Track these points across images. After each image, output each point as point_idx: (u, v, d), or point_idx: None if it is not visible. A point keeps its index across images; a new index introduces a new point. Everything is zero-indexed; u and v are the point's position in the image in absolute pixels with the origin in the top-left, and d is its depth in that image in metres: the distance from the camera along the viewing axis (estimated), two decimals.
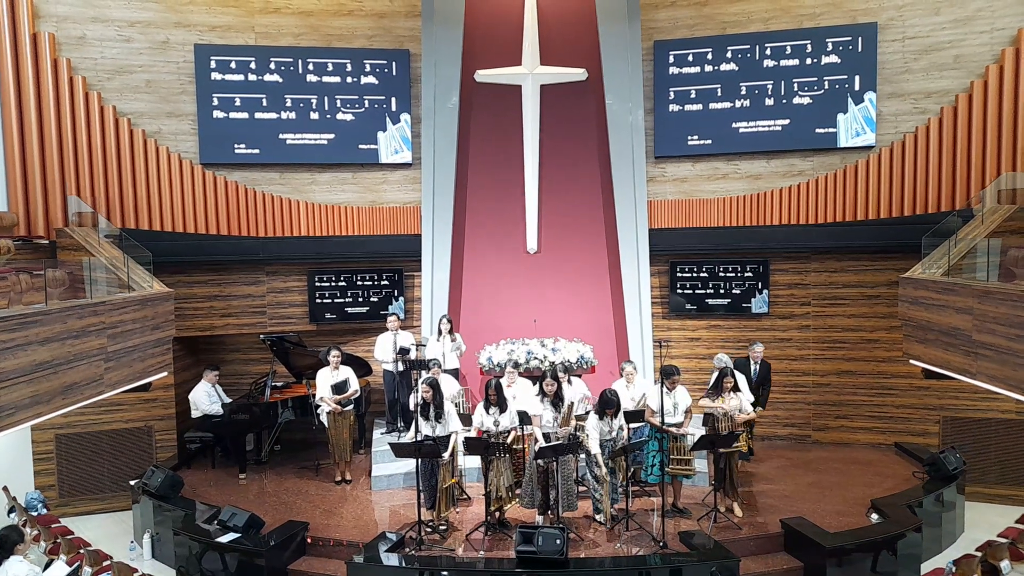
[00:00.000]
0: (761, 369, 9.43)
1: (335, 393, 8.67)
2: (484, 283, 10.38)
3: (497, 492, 7.24)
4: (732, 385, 7.62)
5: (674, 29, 10.70)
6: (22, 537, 5.35)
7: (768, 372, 9.50)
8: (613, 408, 7.17)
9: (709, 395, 7.66)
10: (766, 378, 9.49)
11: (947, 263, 7.70)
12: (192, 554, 7.12)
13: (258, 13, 10.38)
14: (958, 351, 6.87)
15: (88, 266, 7.82)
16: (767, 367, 9.50)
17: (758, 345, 9.47)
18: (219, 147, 10.33)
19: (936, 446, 9.54)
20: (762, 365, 9.44)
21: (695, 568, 6.36)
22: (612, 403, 7.17)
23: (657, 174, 10.85)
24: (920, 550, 7.13)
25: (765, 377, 9.47)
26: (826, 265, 10.39)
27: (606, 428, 7.19)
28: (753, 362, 9.39)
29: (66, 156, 9.25)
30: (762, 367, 9.44)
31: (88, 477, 9.29)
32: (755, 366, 9.39)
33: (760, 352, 9.42)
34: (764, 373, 9.45)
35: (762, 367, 9.44)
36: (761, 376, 9.43)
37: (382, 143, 10.77)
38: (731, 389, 7.60)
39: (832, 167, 10.32)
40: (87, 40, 9.63)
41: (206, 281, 10.23)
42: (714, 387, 7.71)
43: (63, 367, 6.18)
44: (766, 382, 9.48)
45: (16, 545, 5.26)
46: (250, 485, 8.95)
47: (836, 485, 8.62)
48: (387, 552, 6.74)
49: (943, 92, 9.81)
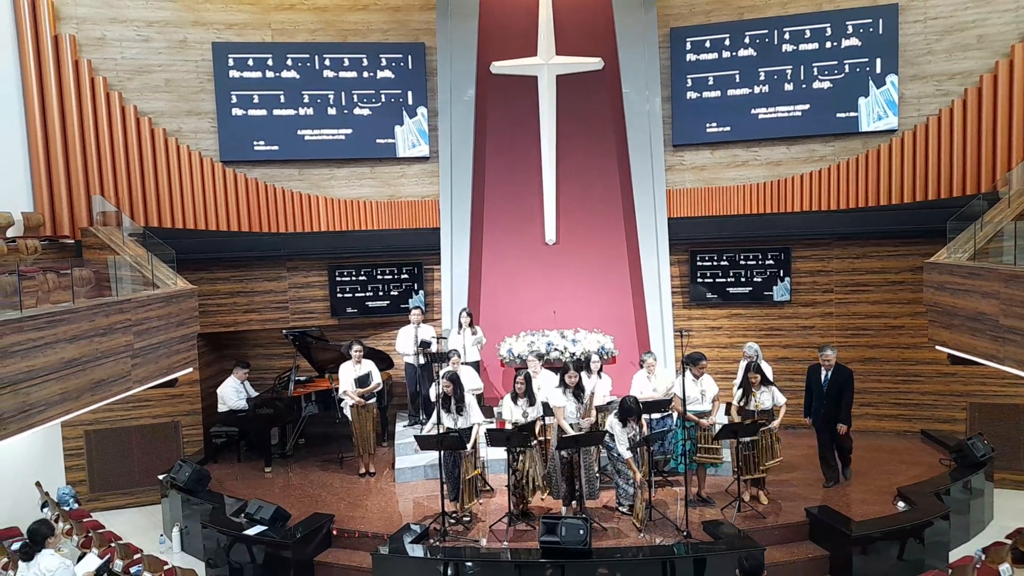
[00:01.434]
0: (835, 377, 7.87)
1: (358, 386, 8.73)
2: (503, 275, 10.38)
3: (534, 482, 7.26)
4: (759, 380, 7.46)
5: (690, 15, 10.60)
6: (52, 531, 5.41)
7: (847, 381, 7.86)
8: (634, 416, 7.13)
9: (740, 399, 7.55)
10: (843, 387, 7.84)
11: (973, 247, 7.58)
12: (220, 547, 7.22)
13: (274, 10, 10.42)
14: (985, 336, 6.77)
15: (113, 264, 7.93)
16: (844, 375, 7.89)
17: (829, 350, 7.96)
18: (239, 144, 10.42)
19: (963, 433, 9.43)
20: (836, 371, 7.89)
21: (720, 558, 6.34)
22: (632, 411, 7.11)
23: (675, 162, 10.77)
24: (948, 538, 7.06)
25: (841, 387, 7.84)
26: (849, 251, 10.27)
27: (631, 433, 7.16)
28: (825, 369, 7.96)
29: (89, 156, 9.37)
30: (836, 374, 7.88)
31: (118, 472, 9.45)
32: (826, 373, 7.93)
33: (832, 358, 7.91)
34: (840, 381, 7.86)
35: (836, 374, 7.88)
36: (835, 385, 7.85)
37: (399, 137, 10.79)
38: (760, 384, 7.46)
39: (854, 152, 10.19)
40: (107, 41, 9.73)
41: (228, 277, 10.33)
42: (742, 385, 7.62)
43: (91, 364, 6.28)
44: (843, 392, 7.84)
45: (47, 539, 5.32)
46: (275, 478, 9.06)
47: (861, 473, 8.53)
48: (412, 543, 6.79)
49: (967, 73, 9.63)
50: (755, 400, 7.38)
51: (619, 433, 7.12)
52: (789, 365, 10.38)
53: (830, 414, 7.90)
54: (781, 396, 7.53)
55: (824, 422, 7.98)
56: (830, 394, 7.88)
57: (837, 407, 7.87)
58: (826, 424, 7.97)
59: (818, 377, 7.99)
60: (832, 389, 7.87)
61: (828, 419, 7.93)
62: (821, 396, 7.94)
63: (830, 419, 7.91)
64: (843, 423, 7.88)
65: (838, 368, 7.89)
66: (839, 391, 7.84)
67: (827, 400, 7.89)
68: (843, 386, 7.83)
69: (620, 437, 7.11)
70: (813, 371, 8.08)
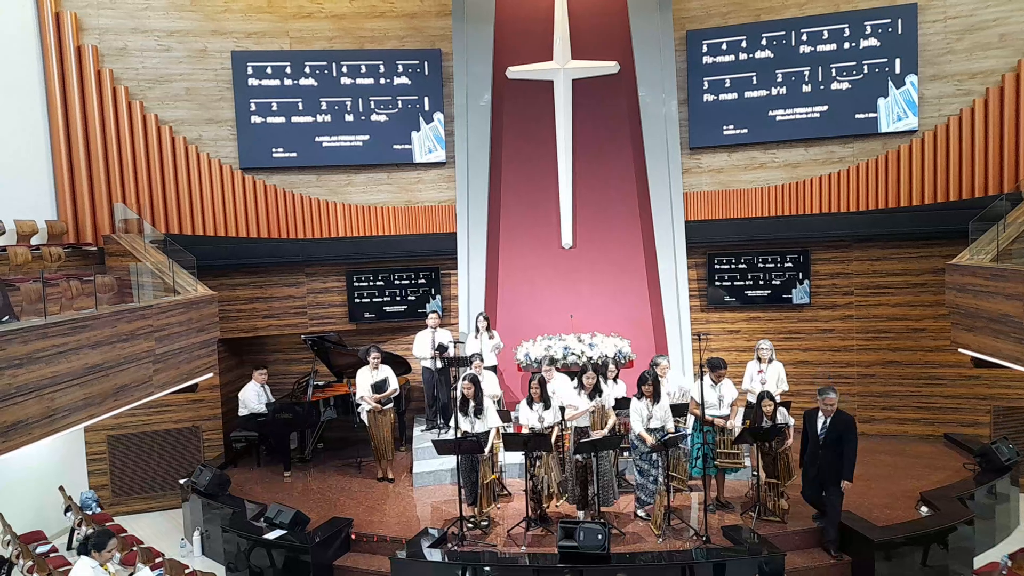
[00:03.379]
0: (834, 424, 6.66)
1: (375, 392, 8.76)
2: (520, 280, 10.39)
3: (549, 488, 7.26)
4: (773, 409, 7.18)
5: (706, 18, 10.56)
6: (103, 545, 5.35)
7: (848, 430, 6.64)
8: (646, 384, 7.12)
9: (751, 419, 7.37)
10: (843, 436, 6.62)
11: (996, 248, 7.47)
12: (240, 550, 7.27)
13: (292, 18, 10.52)
14: (1009, 338, 6.66)
15: (135, 271, 8.04)
16: (845, 422, 6.66)
17: (831, 392, 6.74)
18: (258, 152, 10.52)
19: (987, 437, 9.29)
20: (836, 418, 6.66)
21: (739, 563, 6.29)
22: (644, 379, 7.13)
23: (692, 165, 10.73)
24: (973, 543, 6.96)
25: (841, 435, 6.63)
26: (869, 253, 10.17)
27: (645, 412, 7.14)
28: (824, 415, 6.75)
29: (111, 165, 9.52)
30: (836, 421, 6.66)
31: (139, 476, 9.56)
32: (824, 420, 6.72)
33: (834, 402, 6.72)
34: (840, 430, 6.64)
35: (836, 421, 6.66)
36: (833, 434, 6.66)
37: (416, 143, 10.84)
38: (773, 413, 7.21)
39: (873, 153, 10.09)
40: (128, 51, 9.87)
41: (248, 283, 10.43)
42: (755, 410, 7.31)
43: (113, 370, 6.36)
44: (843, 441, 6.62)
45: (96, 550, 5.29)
46: (295, 483, 9.12)
47: (883, 478, 8.44)
48: (430, 548, 6.80)
49: (988, 72, 9.50)
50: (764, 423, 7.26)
51: (633, 408, 7.17)
52: (808, 368, 10.31)
53: (825, 467, 6.72)
54: (791, 418, 7.34)
55: (817, 476, 6.81)
56: (827, 443, 6.71)
57: (835, 460, 6.67)
58: (818, 479, 6.82)
59: (814, 423, 6.82)
60: (830, 438, 6.69)
61: (823, 472, 6.75)
62: (816, 445, 6.80)
63: (825, 472, 6.73)
64: (845, 478, 6.66)
65: (838, 414, 6.71)
66: (838, 440, 6.66)
67: (823, 450, 6.73)
68: (843, 435, 6.64)
69: (633, 415, 7.15)
70: (809, 416, 6.90)
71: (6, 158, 8.48)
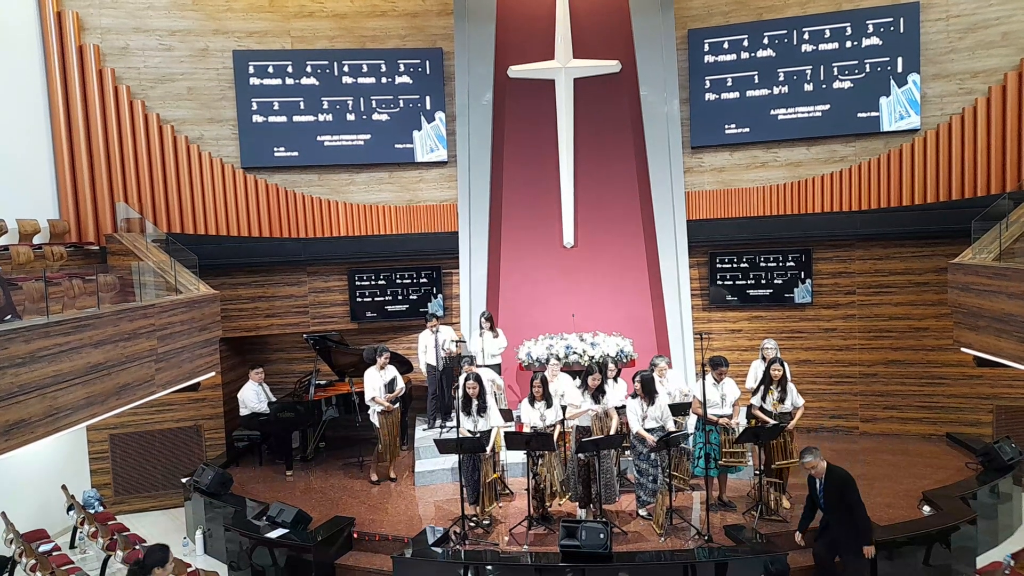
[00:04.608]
0: (829, 483, 6.03)
1: (386, 392, 8.69)
2: (521, 278, 10.39)
3: (551, 487, 7.25)
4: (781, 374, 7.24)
5: (708, 17, 10.56)
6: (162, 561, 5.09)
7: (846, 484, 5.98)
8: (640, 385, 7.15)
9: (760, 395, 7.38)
10: (843, 493, 5.94)
11: (998, 247, 7.46)
12: (243, 549, 7.27)
13: (293, 18, 10.52)
14: (1012, 338, 6.66)
15: (137, 270, 8.04)
16: (840, 477, 6.01)
17: (808, 455, 6.09)
18: (259, 151, 10.52)
19: (989, 436, 9.28)
20: (829, 478, 6.01)
21: (742, 563, 6.28)
22: (634, 378, 7.17)
23: (694, 164, 10.73)
24: (975, 543, 6.95)
25: (841, 492, 5.95)
26: (871, 252, 10.16)
27: (640, 411, 7.15)
28: (819, 480, 6.12)
29: (113, 164, 9.53)
30: (830, 481, 6.02)
31: (142, 475, 9.57)
32: (820, 483, 6.13)
33: (815, 464, 6.05)
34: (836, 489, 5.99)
35: (830, 481, 6.02)
36: (833, 494, 5.99)
37: (417, 142, 10.84)
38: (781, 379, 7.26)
39: (875, 152, 10.08)
40: (130, 50, 9.88)
41: (250, 283, 10.44)
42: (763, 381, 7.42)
43: (116, 368, 6.37)
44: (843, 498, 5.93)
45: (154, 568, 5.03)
46: (297, 482, 9.12)
47: (885, 477, 8.43)
48: (432, 546, 6.80)
49: (990, 71, 9.50)
50: (772, 399, 7.26)
51: (630, 408, 7.17)
52: (811, 368, 10.30)
53: (837, 533, 6.07)
54: (800, 398, 7.40)
55: (830, 546, 6.13)
56: (829, 506, 6.07)
57: (844, 521, 5.99)
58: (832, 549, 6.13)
59: (814, 486, 6.25)
60: (830, 500, 6.05)
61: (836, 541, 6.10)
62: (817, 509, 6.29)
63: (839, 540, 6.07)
64: (864, 544, 5.94)
65: (831, 472, 6.08)
66: (839, 500, 5.99)
67: (827, 514, 6.15)
68: (843, 493, 5.98)
69: (630, 414, 7.14)
70: (810, 480, 6.28)
71: (8, 158, 8.49)
